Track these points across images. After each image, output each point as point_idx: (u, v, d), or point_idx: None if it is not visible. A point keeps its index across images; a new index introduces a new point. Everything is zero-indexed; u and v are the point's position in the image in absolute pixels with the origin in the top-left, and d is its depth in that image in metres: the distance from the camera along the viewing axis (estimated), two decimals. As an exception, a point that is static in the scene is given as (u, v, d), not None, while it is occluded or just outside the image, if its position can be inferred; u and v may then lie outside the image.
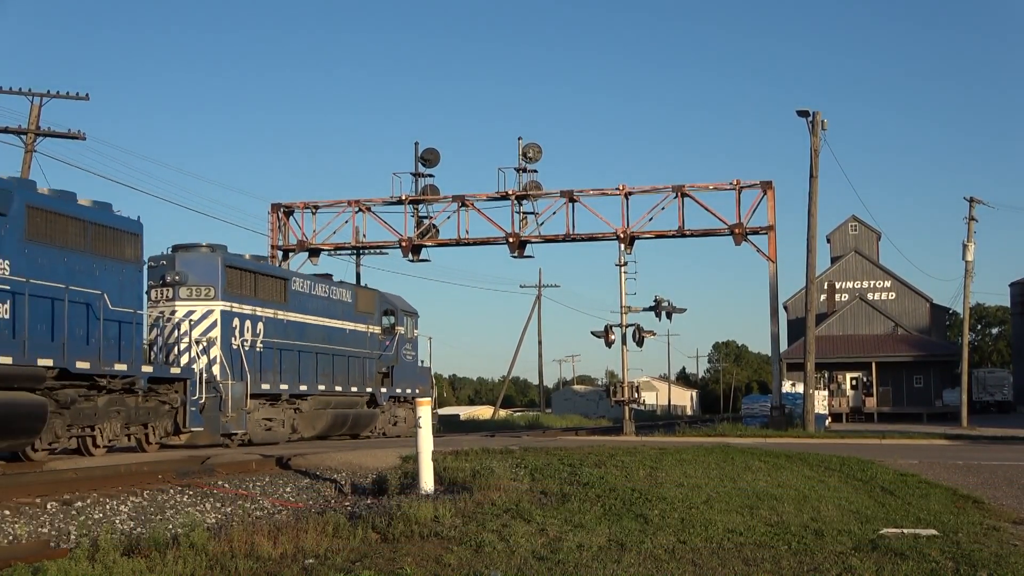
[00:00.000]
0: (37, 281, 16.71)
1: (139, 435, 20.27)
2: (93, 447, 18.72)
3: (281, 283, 26.61)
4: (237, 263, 24.65)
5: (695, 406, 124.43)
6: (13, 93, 33.13)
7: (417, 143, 38.48)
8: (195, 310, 23.39)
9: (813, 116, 36.42)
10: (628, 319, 35.96)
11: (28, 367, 16.31)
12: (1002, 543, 10.93)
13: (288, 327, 26.45)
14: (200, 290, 23.54)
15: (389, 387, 31.89)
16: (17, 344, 16.19)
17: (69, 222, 17.92)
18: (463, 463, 16.36)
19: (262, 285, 25.57)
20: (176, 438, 21.69)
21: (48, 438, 17.50)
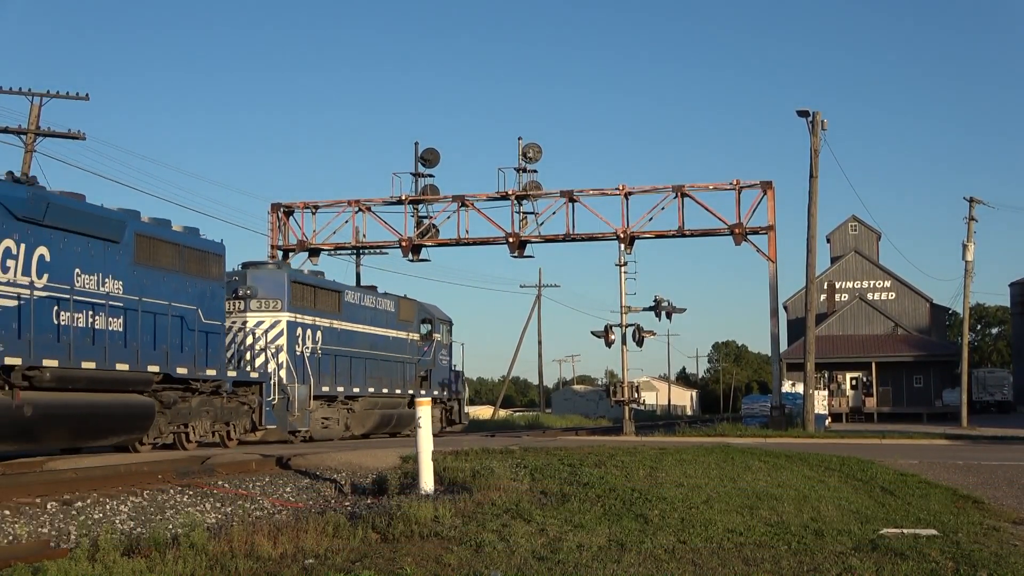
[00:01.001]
0: (144, 299, 19.71)
1: (222, 432, 22.86)
2: (187, 442, 21.44)
3: (336, 295, 29.60)
4: (299, 278, 27.90)
5: (695, 406, 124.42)
6: (13, 93, 33.13)
7: (417, 143, 38.56)
8: (264, 320, 26.32)
9: (813, 116, 36.43)
10: (628, 319, 35.98)
11: (140, 373, 19.35)
12: (1002, 543, 10.93)
13: (342, 335, 29.46)
14: (268, 303, 26.52)
15: (427, 389, 34.61)
16: (131, 353, 19.21)
17: (167, 246, 20.79)
18: (463, 463, 16.36)
19: (320, 297, 28.64)
20: (253, 435, 24.31)
21: (154, 434, 20.33)
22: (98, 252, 18.81)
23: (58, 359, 17.40)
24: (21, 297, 16.88)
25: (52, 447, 18.52)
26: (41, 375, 17.00)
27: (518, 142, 37.59)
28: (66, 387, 17.67)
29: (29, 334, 16.90)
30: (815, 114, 36.42)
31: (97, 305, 18.71)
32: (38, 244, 17.33)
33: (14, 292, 16.75)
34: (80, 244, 18.36)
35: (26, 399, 16.60)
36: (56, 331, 17.68)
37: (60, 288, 17.76)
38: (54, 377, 17.24)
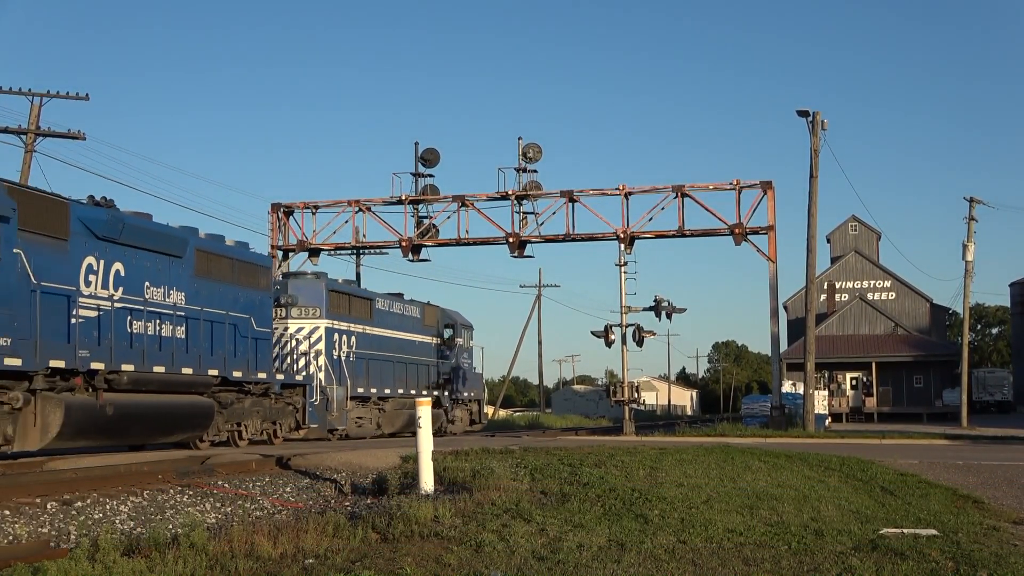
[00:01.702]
0: (204, 308, 21.59)
1: (270, 431, 24.70)
2: (239, 439, 23.26)
3: (368, 303, 31.74)
4: (336, 287, 29.97)
5: (695, 406, 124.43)
6: (13, 93, 33.16)
7: (417, 143, 38.55)
8: (304, 327, 28.39)
9: (813, 116, 36.43)
10: (628, 319, 35.97)
11: (202, 376, 21.30)
12: (1002, 543, 10.93)
13: (373, 340, 31.50)
14: (308, 310, 28.59)
15: (451, 390, 36.87)
16: (193, 358, 21.05)
17: (222, 260, 22.71)
18: (463, 463, 16.35)
19: (354, 305, 30.74)
20: (296, 433, 26.15)
21: (212, 432, 22.11)
22: (164, 266, 20.67)
23: (133, 364, 19.19)
24: (101, 308, 18.70)
25: (128, 443, 20.38)
26: (119, 378, 18.79)
27: (518, 142, 37.62)
28: (140, 389, 19.50)
29: (109, 341, 18.67)
30: (815, 114, 36.42)
31: (164, 315, 20.51)
32: (114, 260, 19.14)
33: (95, 304, 18.59)
34: (149, 259, 20.19)
35: (107, 400, 18.35)
36: (130, 338, 19.47)
37: (133, 300, 19.59)
38: (131, 380, 19.05)
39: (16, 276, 16.47)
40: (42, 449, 17.57)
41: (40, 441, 17.25)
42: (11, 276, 16.35)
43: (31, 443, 17.15)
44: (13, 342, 16.21)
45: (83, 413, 17.74)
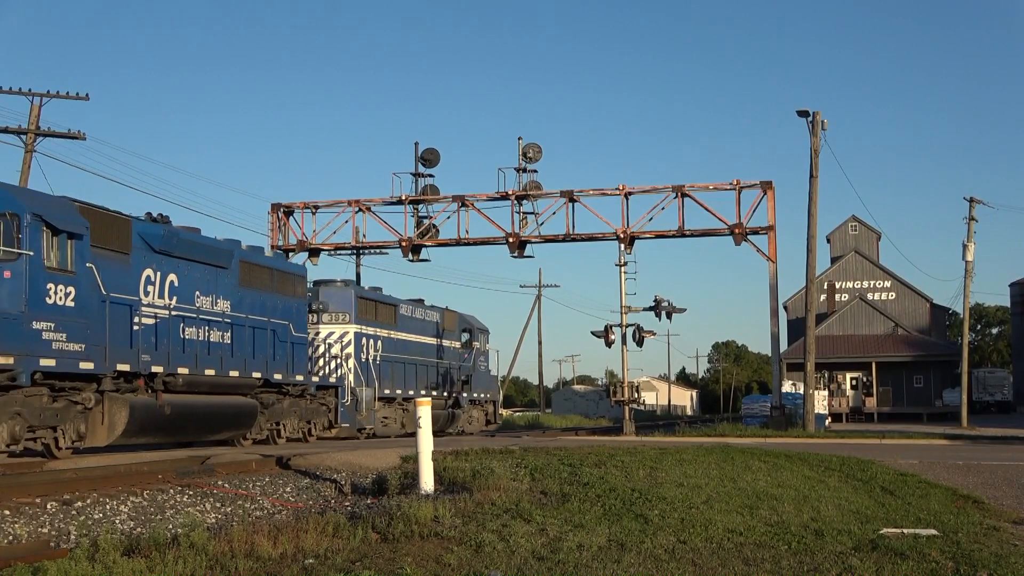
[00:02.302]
0: (248, 316, 23.40)
1: (304, 429, 26.36)
2: (278, 438, 24.87)
3: (393, 309, 33.54)
4: (364, 294, 31.77)
5: (695, 406, 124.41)
6: (13, 93, 33.14)
7: (417, 143, 38.53)
8: (334, 331, 30.07)
9: (813, 116, 36.42)
10: (628, 319, 35.95)
11: (247, 379, 23.06)
12: (1002, 543, 10.94)
13: (397, 344, 33.32)
14: (339, 316, 30.28)
15: (468, 392, 38.65)
16: (239, 361, 22.78)
17: (263, 270, 24.57)
18: (463, 463, 16.33)
19: (380, 311, 32.55)
20: (329, 432, 27.81)
21: (255, 430, 23.84)
22: (212, 277, 22.35)
23: (188, 367, 20.90)
24: (158, 316, 20.43)
25: (182, 440, 21.92)
26: (175, 381, 20.49)
27: (518, 142, 37.60)
28: (193, 390, 21.16)
29: (166, 346, 20.42)
30: (815, 114, 36.42)
31: (213, 321, 22.22)
32: (169, 272, 20.85)
33: (153, 312, 20.31)
34: (199, 271, 21.88)
35: (166, 400, 20.12)
36: (183, 344, 21.13)
37: (186, 308, 21.29)
38: (185, 382, 20.79)
39: (89, 288, 18.18)
40: (108, 446, 19.21)
41: (107, 438, 18.80)
42: (85, 288, 18.07)
43: (99, 440, 18.70)
44: (87, 348, 17.94)
45: (145, 412, 19.43)
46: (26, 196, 17.89)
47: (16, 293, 16.80)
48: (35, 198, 18.00)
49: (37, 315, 17.02)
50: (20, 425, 16.83)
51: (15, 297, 16.77)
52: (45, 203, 17.86)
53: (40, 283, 17.19)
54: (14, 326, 16.55)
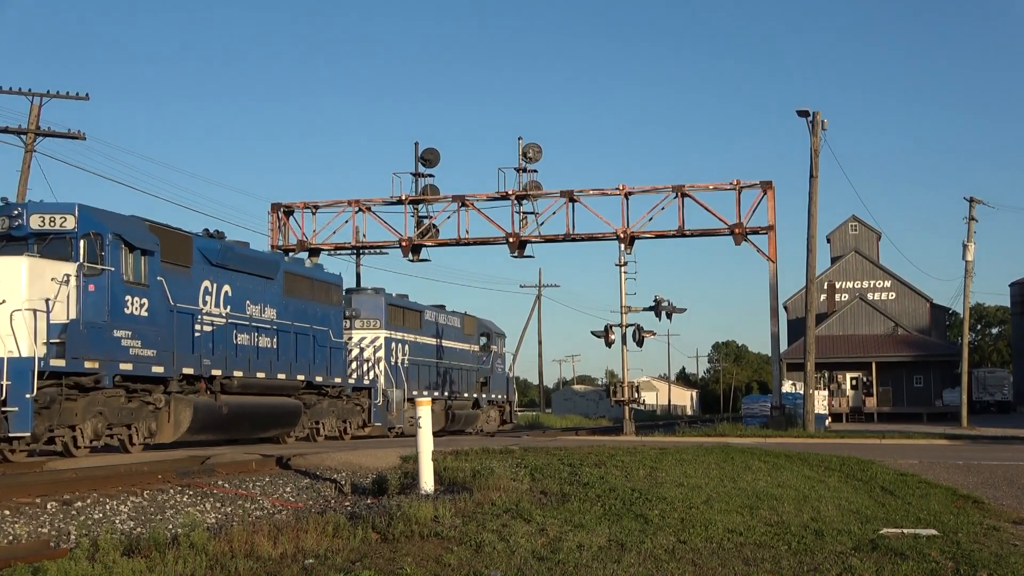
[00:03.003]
0: (293, 323, 25.42)
1: (340, 428, 28.59)
2: (317, 436, 26.97)
3: (418, 314, 35.47)
4: (393, 301, 33.49)
5: (695, 406, 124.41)
6: (13, 93, 33.14)
7: (417, 143, 38.49)
8: (366, 336, 31.86)
9: (813, 116, 36.41)
10: (628, 319, 35.94)
11: (293, 381, 25.18)
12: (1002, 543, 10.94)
13: (423, 347, 35.23)
14: (370, 322, 32.13)
15: (487, 393, 40.98)
16: (285, 365, 24.88)
17: (304, 280, 26.64)
18: (463, 463, 16.33)
19: (407, 317, 34.47)
20: (363, 430, 29.96)
21: (298, 429, 25.96)
22: (260, 287, 24.28)
23: (241, 370, 22.94)
24: (215, 323, 22.29)
25: (236, 437, 23.66)
26: (231, 383, 22.50)
27: (518, 142, 37.57)
28: (246, 392, 23.16)
29: (222, 352, 22.39)
30: (815, 114, 36.40)
31: (261, 328, 24.14)
32: (224, 283, 22.74)
33: (211, 320, 22.16)
34: (249, 282, 23.81)
35: (223, 401, 22.23)
36: (235, 349, 23.01)
37: (238, 316, 23.23)
38: (240, 384, 22.81)
39: (159, 299, 20.24)
40: (173, 442, 21.02)
41: (173, 435, 20.77)
42: (156, 299, 20.13)
43: (166, 436, 20.71)
44: (158, 353, 19.95)
45: (206, 412, 21.51)
46: (108, 217, 19.32)
47: (100, 304, 18.64)
48: (115, 219, 19.53)
49: (117, 324, 18.95)
50: (102, 423, 18.79)
51: (99, 308, 18.59)
52: (123, 223, 19.64)
53: (119, 295, 19.14)
54: (99, 334, 18.44)
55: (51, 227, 18.67)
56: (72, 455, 18.02)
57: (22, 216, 18.69)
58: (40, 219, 18.70)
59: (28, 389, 16.57)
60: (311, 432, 26.73)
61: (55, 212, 18.85)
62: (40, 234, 18.63)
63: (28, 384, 16.57)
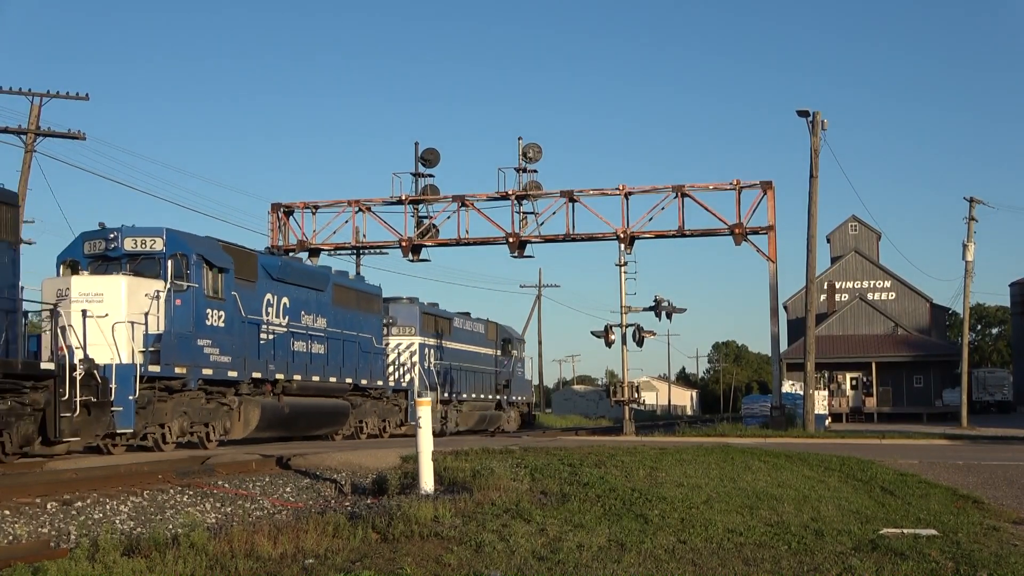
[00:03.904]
0: (340, 330, 28.19)
1: (380, 427, 31.27)
2: (361, 434, 29.77)
3: (448, 321, 37.98)
4: (425, 309, 36.12)
5: (695, 406, 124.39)
6: (13, 93, 33.14)
7: (417, 143, 38.51)
8: (402, 342, 34.45)
9: (813, 116, 36.40)
10: (628, 319, 35.95)
11: (342, 384, 28.13)
12: (1002, 543, 10.95)
13: (452, 352, 37.67)
14: (405, 328, 34.76)
15: (508, 395, 43.73)
16: (335, 369, 27.74)
17: (350, 291, 29.52)
18: (463, 463, 16.33)
19: (438, 324, 36.98)
20: (400, 429, 32.38)
21: (345, 428, 28.90)
22: (312, 298, 26.93)
23: (300, 374, 25.61)
24: (276, 332, 24.94)
25: (294, 434, 26.23)
26: (291, 385, 25.21)
27: (518, 142, 37.57)
28: (303, 393, 25.81)
29: (283, 357, 25.12)
30: (815, 114, 36.40)
31: (314, 336, 26.81)
32: (283, 295, 25.34)
33: (272, 329, 24.80)
34: (303, 294, 26.46)
35: (285, 402, 25.00)
36: (293, 355, 25.65)
37: (295, 325, 25.88)
38: (299, 387, 25.54)
39: (233, 311, 22.79)
40: (243, 438, 23.52)
41: (243, 432, 23.43)
42: (230, 311, 22.69)
43: (237, 434, 23.35)
44: (232, 359, 22.54)
45: (271, 411, 24.24)
46: (191, 239, 21.87)
47: (186, 316, 21.19)
48: (197, 241, 22.10)
49: (200, 334, 21.48)
50: (186, 421, 21.38)
51: (185, 320, 21.15)
52: (203, 244, 22.23)
53: (202, 308, 21.66)
54: (186, 343, 20.95)
55: (142, 249, 21.19)
56: (161, 450, 20.34)
57: (117, 239, 21.24)
58: (133, 241, 21.25)
59: (131, 391, 18.86)
60: (355, 430, 29.39)
61: (146, 235, 21.30)
62: (132, 255, 21.17)
63: (131, 387, 18.86)
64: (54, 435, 16.98)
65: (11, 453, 16.46)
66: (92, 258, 21.36)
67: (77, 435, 17.46)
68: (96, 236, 21.53)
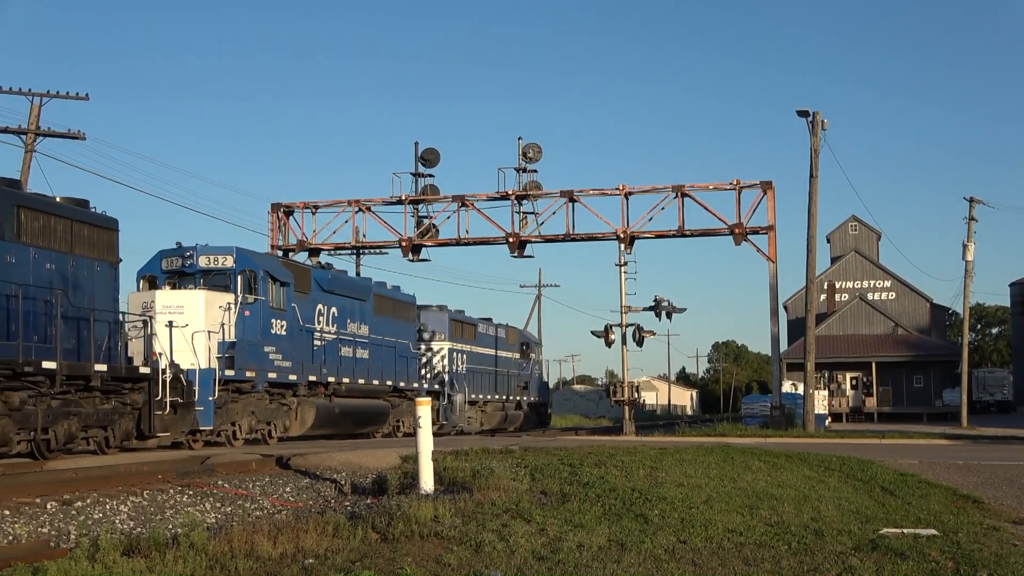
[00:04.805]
0: (381, 337, 30.97)
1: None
2: (397, 432, 32.16)
3: (473, 327, 40.45)
4: (454, 317, 38.45)
5: (695, 406, 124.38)
6: (13, 93, 33.12)
7: (417, 143, 38.56)
8: (433, 347, 36.67)
9: (813, 116, 36.40)
10: (628, 319, 35.97)
11: (383, 386, 30.88)
12: (1002, 543, 10.95)
13: (477, 356, 40.05)
14: (436, 335, 36.99)
15: (527, 396, 46.62)
16: (376, 373, 30.47)
17: (388, 300, 32.17)
18: (463, 463, 16.33)
19: (465, 330, 39.46)
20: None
21: (385, 427, 31.54)
22: (356, 308, 29.64)
23: (348, 377, 28.48)
24: (327, 339, 27.67)
25: (343, 432, 28.63)
26: (340, 387, 27.99)
27: (518, 142, 37.60)
28: (350, 395, 28.61)
29: (333, 362, 27.84)
30: (815, 114, 36.40)
31: (359, 342, 29.52)
32: (332, 305, 28.05)
33: (324, 336, 27.48)
34: (349, 304, 29.15)
35: (336, 403, 27.65)
36: (341, 360, 28.30)
37: (342, 332, 28.61)
38: (347, 389, 28.39)
39: (293, 321, 25.65)
40: (300, 435, 26.30)
41: (300, 430, 26.17)
42: (291, 321, 25.58)
43: (295, 431, 26.08)
44: (292, 364, 25.43)
45: (324, 411, 26.93)
46: (257, 257, 25.13)
47: (254, 326, 23.94)
48: (263, 258, 25.67)
49: (266, 342, 24.31)
50: (253, 420, 24.13)
51: (254, 329, 23.90)
52: (268, 261, 25.68)
53: (267, 319, 24.44)
54: (255, 350, 23.78)
55: (215, 265, 23.83)
56: (232, 445, 22.78)
57: (193, 256, 23.87)
58: (207, 259, 23.87)
59: (211, 392, 21.57)
60: (393, 428, 31.96)
61: (218, 253, 23.97)
62: (206, 271, 23.83)
63: (211, 389, 21.60)
64: (149, 431, 19.48)
65: (114, 446, 18.99)
66: (169, 273, 23.96)
67: (167, 431, 19.95)
68: (173, 253, 24.09)
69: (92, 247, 19.11)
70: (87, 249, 18.96)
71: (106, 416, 18.66)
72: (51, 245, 18.05)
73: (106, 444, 18.90)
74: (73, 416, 17.85)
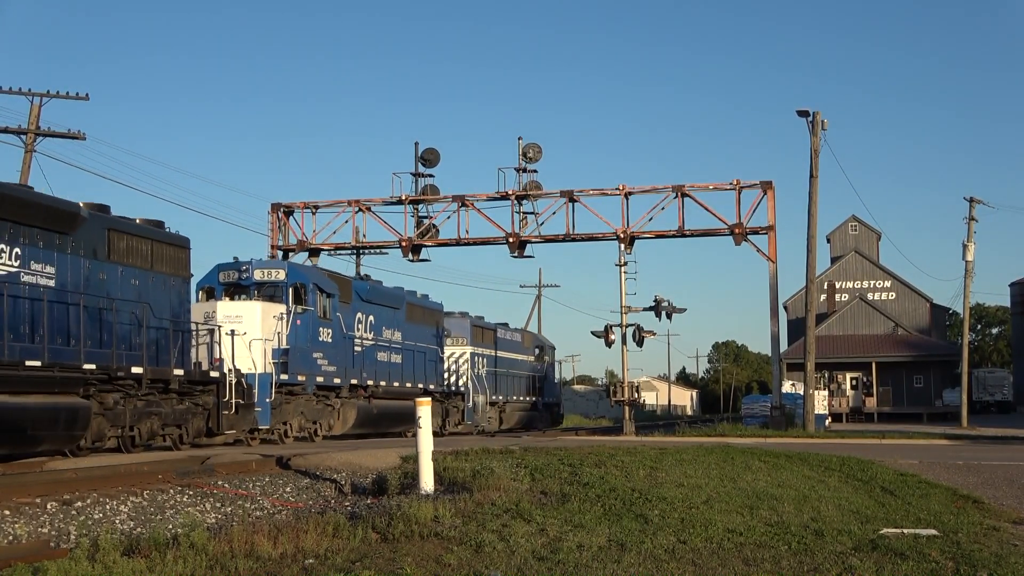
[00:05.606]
0: (412, 343, 33.37)
1: (441, 425, 35.18)
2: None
3: (493, 332, 42.88)
4: (475, 322, 40.72)
5: (695, 406, 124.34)
6: (13, 93, 33.12)
7: (417, 143, 38.55)
8: (455, 352, 38.57)
9: (813, 116, 36.39)
10: (628, 319, 35.96)
11: (413, 389, 32.43)
12: (1002, 543, 10.95)
13: (496, 359, 42.47)
14: (458, 340, 39.04)
15: (542, 397, 49.06)
16: (408, 376, 32.91)
17: (419, 308, 34.45)
18: (463, 463, 16.32)
19: (485, 335, 41.81)
20: (457, 427, 37.23)
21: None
22: (390, 316, 32.08)
23: (384, 381, 30.99)
24: (365, 345, 30.08)
25: (380, 431, 30.93)
26: (378, 390, 30.49)
27: (518, 142, 37.59)
28: (386, 396, 30.98)
29: (371, 366, 30.29)
30: (815, 114, 36.39)
31: (393, 348, 32.01)
32: (370, 314, 30.45)
33: (362, 342, 29.88)
34: (384, 312, 31.62)
35: (374, 404, 30.18)
36: (377, 364, 30.78)
37: (379, 339, 31.12)
38: (383, 391, 30.92)
39: (337, 329, 28.10)
40: (342, 434, 28.63)
41: (342, 429, 28.65)
42: (335, 329, 28.00)
43: (337, 430, 28.55)
44: (337, 369, 27.89)
45: (364, 412, 29.48)
46: (307, 270, 28.24)
47: (305, 335, 26.29)
48: (312, 271, 28.36)
49: (315, 348, 26.68)
50: (303, 420, 26.55)
51: (304, 337, 26.23)
52: (316, 274, 28.08)
53: (316, 327, 26.78)
54: (305, 356, 26.23)
55: (268, 279, 26.24)
56: (284, 443, 24.97)
57: (249, 270, 26.31)
58: (261, 272, 26.38)
59: (268, 394, 24.18)
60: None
61: (271, 267, 26.89)
62: (260, 283, 26.22)
63: (268, 391, 24.20)
64: (217, 429, 21.98)
65: (187, 443, 21.22)
66: (226, 285, 26.35)
67: (232, 429, 22.37)
68: (230, 267, 26.55)
69: (168, 264, 21.34)
70: (164, 266, 21.22)
71: (181, 415, 21.00)
72: (135, 263, 20.31)
73: (180, 441, 20.94)
74: (155, 415, 20.21)
